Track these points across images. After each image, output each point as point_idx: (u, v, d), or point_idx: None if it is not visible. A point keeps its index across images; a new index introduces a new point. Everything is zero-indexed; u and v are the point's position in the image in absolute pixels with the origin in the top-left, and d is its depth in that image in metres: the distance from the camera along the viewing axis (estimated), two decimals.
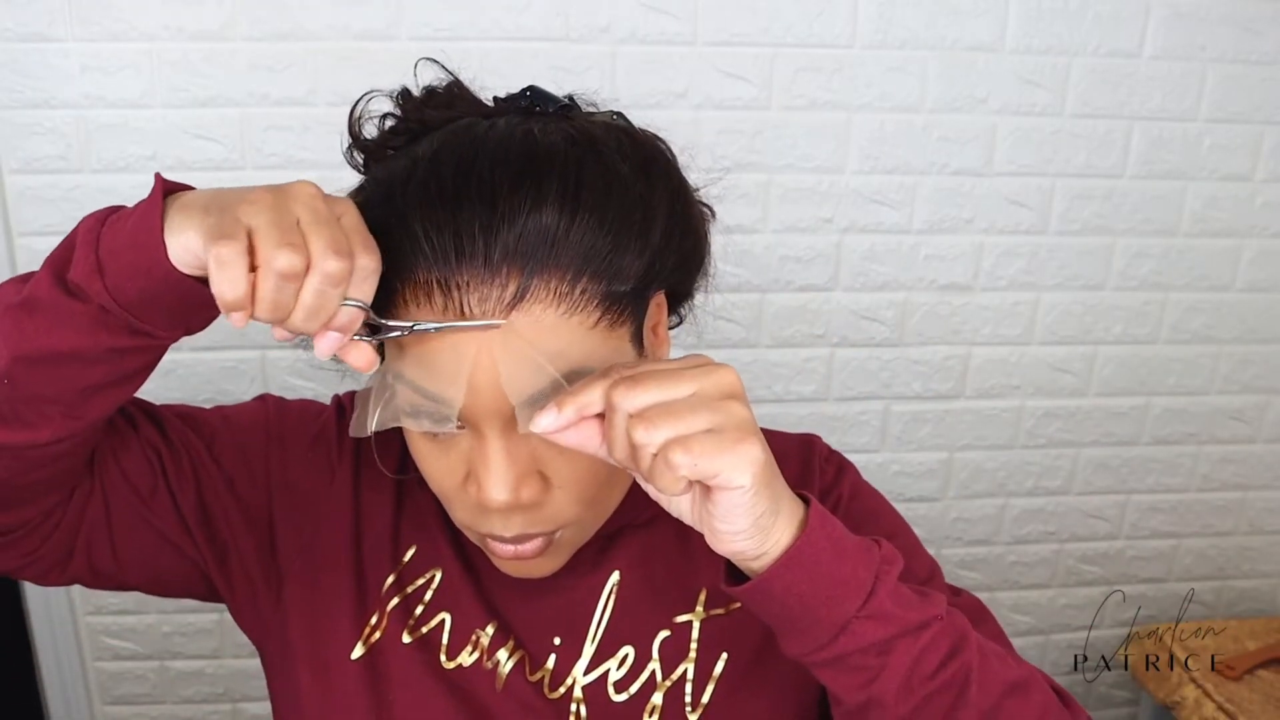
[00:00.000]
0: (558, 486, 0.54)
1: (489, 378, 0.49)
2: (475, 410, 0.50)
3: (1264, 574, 1.56)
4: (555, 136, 0.53)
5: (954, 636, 0.52)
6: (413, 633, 0.62)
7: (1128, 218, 1.34)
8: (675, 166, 0.59)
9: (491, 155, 0.51)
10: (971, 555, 1.47)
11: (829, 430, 1.38)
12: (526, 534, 0.54)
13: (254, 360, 1.26)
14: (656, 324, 0.57)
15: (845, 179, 1.27)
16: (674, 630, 0.62)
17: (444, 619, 0.62)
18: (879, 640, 0.49)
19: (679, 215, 0.56)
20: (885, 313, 1.34)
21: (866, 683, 0.50)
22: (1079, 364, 1.40)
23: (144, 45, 1.14)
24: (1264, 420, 1.47)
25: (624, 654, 0.61)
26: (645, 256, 0.53)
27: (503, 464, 0.51)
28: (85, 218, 0.50)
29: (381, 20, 1.15)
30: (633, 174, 0.54)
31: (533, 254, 0.49)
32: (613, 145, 0.55)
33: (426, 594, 0.63)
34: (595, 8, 1.17)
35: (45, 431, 0.51)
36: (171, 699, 1.41)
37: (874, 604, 0.49)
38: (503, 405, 0.50)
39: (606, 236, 0.51)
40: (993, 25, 1.24)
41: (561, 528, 0.56)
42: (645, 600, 0.62)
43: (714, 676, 0.60)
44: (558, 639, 0.62)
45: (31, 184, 1.17)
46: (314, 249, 0.44)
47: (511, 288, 0.48)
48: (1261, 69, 1.29)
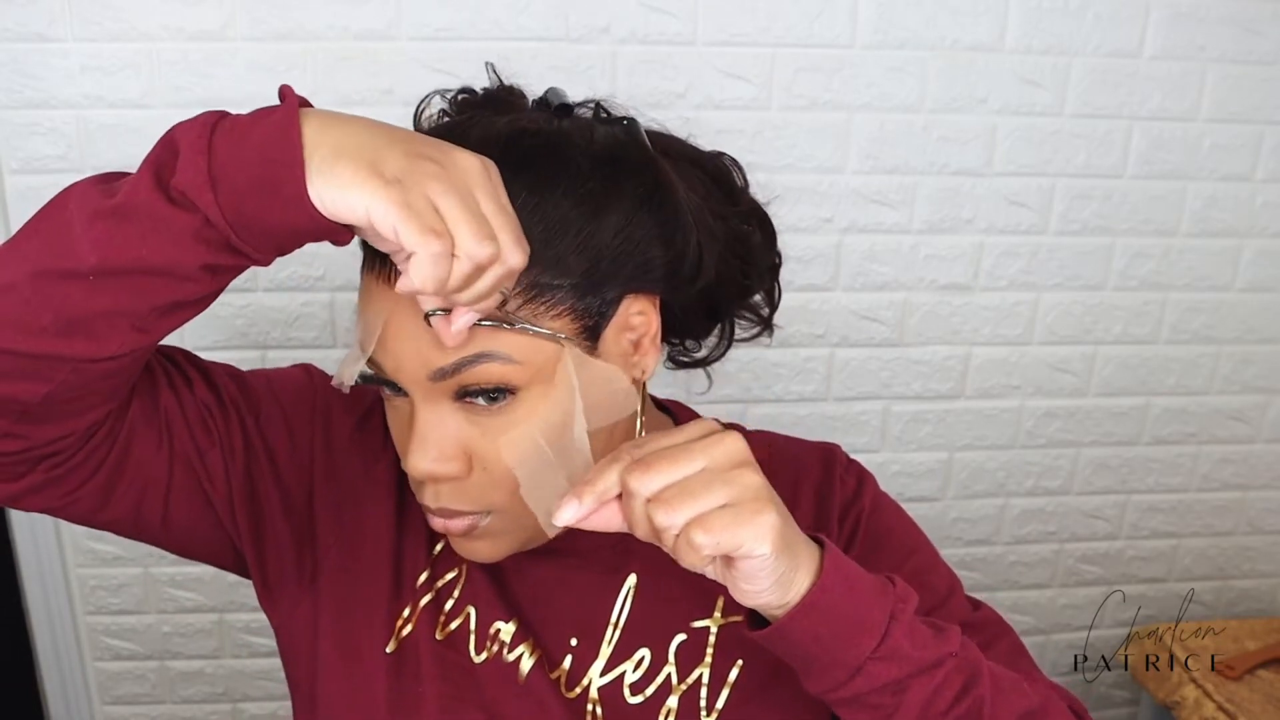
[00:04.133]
0: (481, 468, 0.54)
1: (404, 345, 0.52)
2: (396, 375, 0.53)
3: (1264, 574, 1.56)
4: (516, 129, 0.55)
5: (968, 672, 0.53)
6: (443, 629, 0.62)
7: (1128, 218, 1.34)
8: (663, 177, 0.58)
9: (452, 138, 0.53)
10: (971, 555, 1.47)
11: (829, 430, 1.38)
12: (449, 509, 0.55)
13: (254, 360, 1.26)
14: (640, 334, 0.57)
15: (845, 179, 1.27)
16: (690, 634, 0.62)
17: (470, 613, 0.63)
18: (893, 680, 0.51)
19: (648, 220, 0.55)
20: (885, 313, 1.34)
21: (883, 719, 0.52)
22: (1079, 364, 1.40)
23: (144, 45, 1.14)
24: (1264, 420, 1.47)
25: (640, 656, 0.61)
26: (588, 253, 0.53)
27: (422, 433, 0.53)
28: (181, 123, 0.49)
29: (381, 20, 1.15)
30: (591, 170, 0.54)
31: None
32: (581, 142, 0.55)
33: (455, 589, 0.64)
34: (595, 8, 1.17)
35: (112, 344, 0.48)
36: (171, 699, 1.41)
37: (888, 645, 0.50)
38: (418, 375, 0.52)
39: (537, 225, 0.51)
40: (993, 25, 1.24)
41: (487, 511, 0.56)
42: (663, 603, 0.62)
43: (729, 682, 0.61)
44: (574, 639, 0.62)
45: (31, 184, 1.17)
46: (503, 241, 0.46)
47: None
48: (1261, 69, 1.29)
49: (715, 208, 0.62)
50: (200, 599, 1.35)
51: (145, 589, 1.35)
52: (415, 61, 1.16)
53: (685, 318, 0.62)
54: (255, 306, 1.24)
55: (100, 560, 1.33)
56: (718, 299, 0.64)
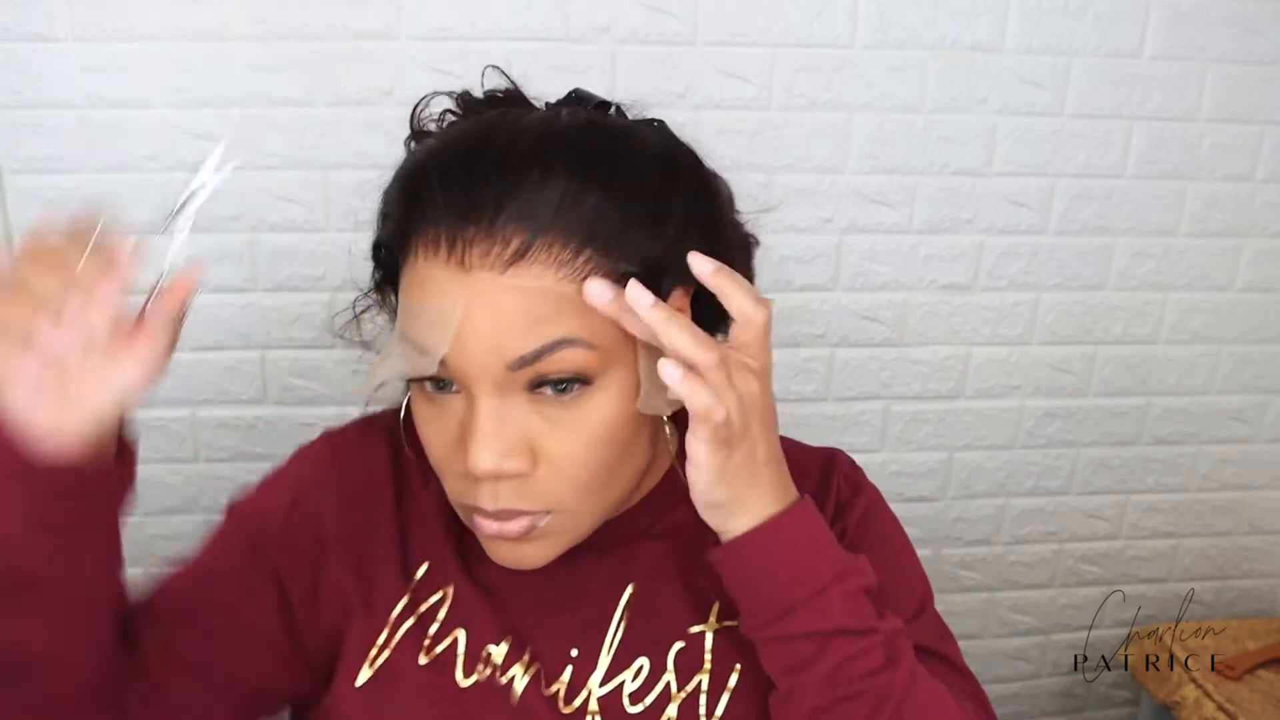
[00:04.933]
0: (547, 464, 0.54)
1: (480, 333, 0.51)
2: (466, 367, 0.51)
3: (1264, 574, 1.56)
4: (579, 121, 0.56)
5: (891, 652, 0.54)
6: (428, 653, 0.61)
7: (1128, 218, 1.34)
8: (707, 178, 0.60)
9: (512, 129, 0.54)
10: (971, 555, 1.47)
11: (829, 430, 1.38)
12: (511, 509, 0.54)
13: (254, 360, 1.26)
14: None
15: (845, 179, 1.27)
16: (688, 641, 0.62)
17: (458, 636, 0.62)
18: (819, 630, 0.53)
19: (700, 219, 0.57)
20: (885, 313, 1.34)
21: (796, 669, 0.54)
22: (1079, 364, 1.40)
23: (144, 45, 1.14)
24: (1264, 420, 1.47)
25: (639, 665, 0.61)
26: (657, 245, 0.53)
27: (490, 428, 0.52)
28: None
29: (381, 20, 1.15)
30: (653, 167, 0.55)
31: (537, 217, 0.50)
32: (638, 137, 0.57)
33: (441, 611, 0.63)
34: (595, 8, 1.17)
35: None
36: None
37: (825, 598, 0.53)
38: (492, 365, 0.51)
39: (614, 215, 0.52)
40: (993, 25, 1.24)
41: (549, 511, 0.55)
42: (660, 612, 0.62)
43: (729, 688, 0.61)
44: (574, 650, 0.62)
45: (31, 184, 1.17)
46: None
47: (514, 245, 0.50)
48: (1261, 69, 1.29)
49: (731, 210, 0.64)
50: None
51: (145, 589, 1.34)
52: (415, 61, 1.16)
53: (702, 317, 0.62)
54: (255, 306, 1.24)
55: None
56: None
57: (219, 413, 1.28)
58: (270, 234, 1.22)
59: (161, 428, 1.28)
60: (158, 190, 1.19)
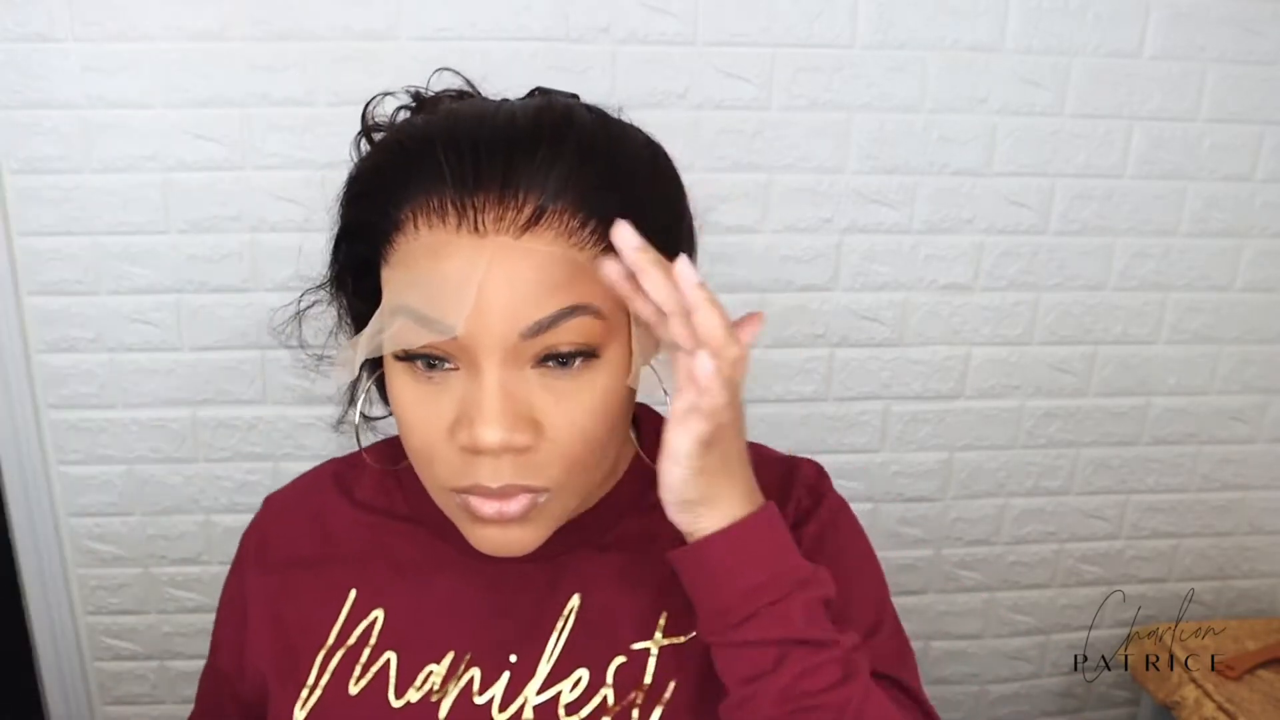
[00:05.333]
0: (549, 439, 0.53)
1: (496, 298, 0.50)
2: (479, 336, 0.50)
3: (1264, 574, 1.56)
4: (572, 104, 0.57)
5: (848, 668, 0.54)
6: (359, 681, 0.61)
7: (1128, 218, 1.34)
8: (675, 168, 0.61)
9: (508, 109, 0.54)
10: (971, 555, 1.47)
11: (829, 430, 1.38)
12: (514, 484, 0.53)
13: (254, 360, 1.26)
14: None
15: (845, 179, 1.27)
16: (630, 657, 0.61)
17: (390, 659, 0.61)
18: (777, 639, 0.52)
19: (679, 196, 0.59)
20: (885, 313, 1.34)
21: (753, 677, 0.53)
22: (1079, 364, 1.40)
23: (144, 45, 1.14)
24: (1264, 420, 1.47)
25: (578, 676, 0.60)
26: (654, 224, 0.53)
27: (499, 401, 0.51)
28: None
29: (381, 20, 1.15)
30: (643, 146, 0.57)
31: (548, 186, 0.51)
32: (625, 124, 0.58)
33: (371, 636, 0.62)
34: (595, 8, 1.17)
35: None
36: (171, 699, 1.41)
37: (785, 605, 0.52)
38: (507, 332, 0.50)
39: (616, 190, 0.52)
40: (993, 25, 1.24)
41: (547, 488, 0.54)
42: (604, 625, 0.61)
43: (663, 700, 0.60)
44: (513, 656, 0.61)
45: (31, 184, 1.17)
46: None
47: (528, 210, 0.50)
48: (1261, 69, 1.29)
49: None
50: (200, 599, 1.35)
51: (145, 589, 1.35)
52: (415, 61, 1.16)
53: None
54: (255, 306, 1.24)
55: (100, 560, 1.33)
56: None
57: (219, 413, 1.28)
58: (270, 234, 1.22)
59: (161, 428, 1.28)
60: (158, 190, 1.19)
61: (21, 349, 1.22)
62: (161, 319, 1.24)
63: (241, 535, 0.71)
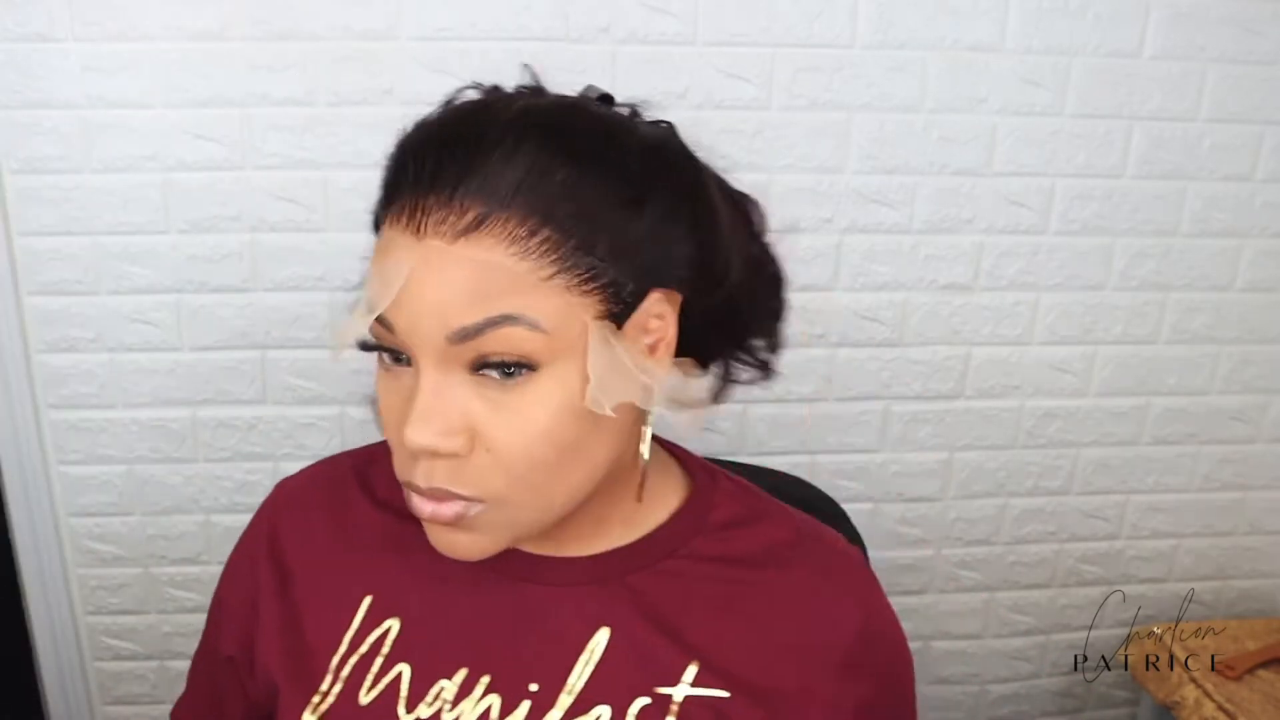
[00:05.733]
0: (485, 450, 0.52)
1: (424, 300, 0.50)
2: (409, 334, 0.51)
3: (1264, 574, 1.56)
4: (563, 103, 0.55)
5: None
6: (370, 690, 0.60)
7: (1128, 218, 1.34)
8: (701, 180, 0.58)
9: (492, 109, 0.54)
10: (971, 555, 1.47)
11: (829, 430, 1.38)
12: (443, 489, 0.53)
13: (254, 360, 1.26)
14: (656, 338, 0.56)
15: (845, 179, 1.27)
16: (655, 700, 0.59)
17: (401, 671, 0.60)
18: None
19: (685, 216, 0.55)
20: (885, 313, 1.34)
21: None
22: (1079, 364, 1.40)
23: (144, 45, 1.14)
24: (1264, 420, 1.47)
25: (598, 714, 0.59)
26: (625, 237, 0.52)
27: (428, 403, 0.51)
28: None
29: (381, 20, 1.15)
30: (635, 158, 0.54)
31: (497, 191, 0.50)
32: (625, 126, 0.55)
33: (384, 645, 0.61)
34: (595, 8, 1.17)
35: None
36: (171, 699, 1.40)
37: None
38: (434, 334, 0.50)
39: (580, 196, 0.51)
40: (993, 25, 1.24)
41: (482, 500, 0.53)
42: (631, 663, 0.60)
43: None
44: (534, 685, 0.59)
45: (31, 184, 1.17)
46: None
47: (469, 217, 0.50)
48: (1261, 69, 1.29)
49: (742, 228, 0.62)
50: (200, 599, 1.35)
51: (145, 589, 1.35)
52: (415, 61, 1.16)
53: (700, 331, 0.60)
54: (255, 306, 1.24)
55: (100, 560, 1.33)
56: (733, 317, 0.62)
57: (219, 413, 1.28)
58: (270, 234, 1.22)
59: (161, 428, 1.28)
60: (158, 190, 1.19)
61: (21, 349, 1.23)
62: (161, 319, 1.24)
63: (251, 518, 0.69)
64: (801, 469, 1.38)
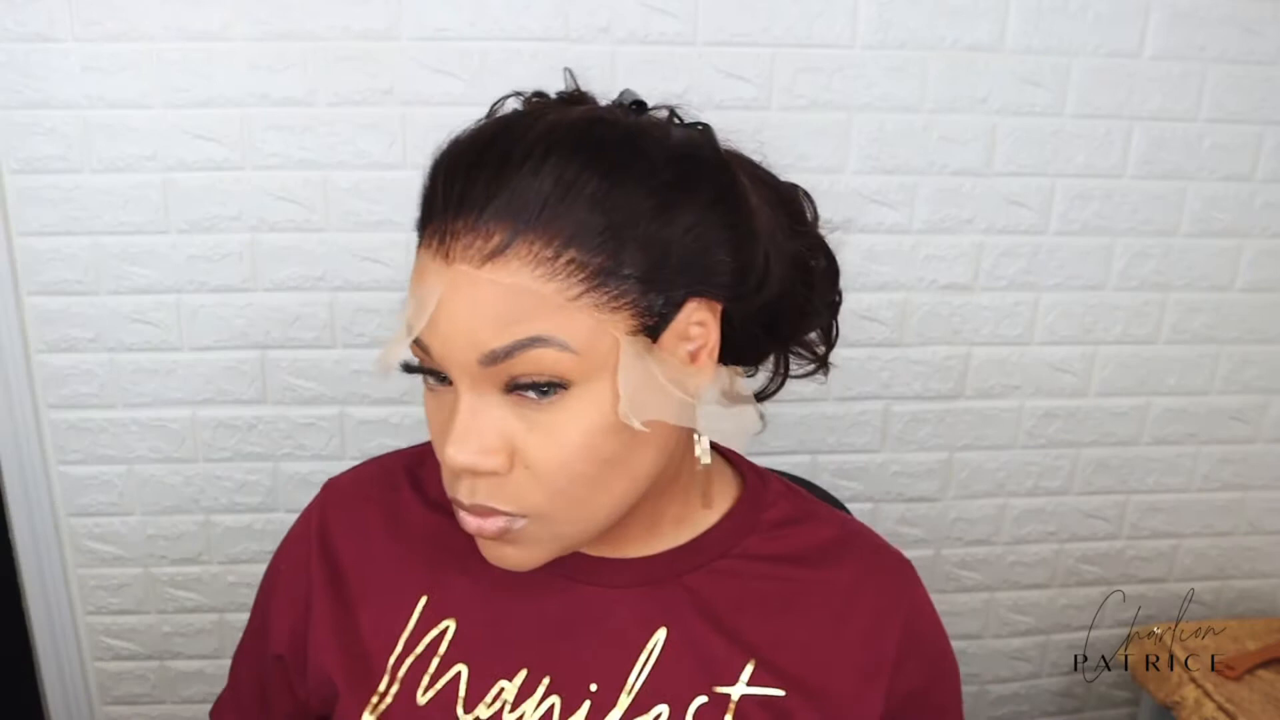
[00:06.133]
0: (524, 467, 0.53)
1: (456, 325, 0.51)
2: (445, 358, 0.52)
3: (1264, 574, 1.56)
4: (589, 116, 0.54)
5: None
6: (427, 690, 0.61)
7: (1128, 218, 1.34)
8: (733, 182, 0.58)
9: (520, 125, 0.53)
10: (971, 555, 1.47)
11: (829, 430, 1.38)
12: (485, 506, 0.54)
13: (254, 360, 1.26)
14: (698, 346, 0.56)
15: (845, 179, 1.27)
16: (712, 699, 0.60)
17: (460, 671, 0.61)
18: None
19: (719, 222, 0.55)
20: (885, 313, 1.34)
21: None
22: (1079, 364, 1.40)
23: (144, 45, 1.14)
24: (1264, 420, 1.47)
25: (658, 713, 0.59)
26: (656, 248, 0.52)
27: (466, 423, 0.52)
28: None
29: (381, 20, 1.15)
30: (665, 166, 0.53)
31: (522, 214, 0.50)
32: (654, 135, 0.55)
33: (441, 645, 0.62)
34: (595, 8, 1.17)
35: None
36: (171, 699, 1.41)
37: None
38: (467, 358, 0.51)
39: (605, 214, 0.50)
40: (993, 25, 1.24)
41: (525, 515, 0.54)
42: (689, 662, 0.61)
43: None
44: (594, 685, 0.60)
45: (31, 184, 1.17)
46: None
47: (495, 241, 0.50)
48: (1261, 69, 1.29)
49: (784, 226, 0.61)
50: (200, 599, 1.36)
51: (145, 589, 1.35)
52: (415, 61, 1.16)
53: (744, 335, 0.60)
54: (255, 306, 1.24)
55: (100, 560, 1.33)
56: (778, 319, 0.62)
57: (219, 413, 1.28)
58: (270, 234, 1.22)
59: (161, 428, 1.28)
60: (158, 190, 1.19)
61: (21, 349, 1.23)
62: (161, 319, 1.24)
63: (299, 517, 0.69)
64: (802, 469, 1.38)
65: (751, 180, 0.61)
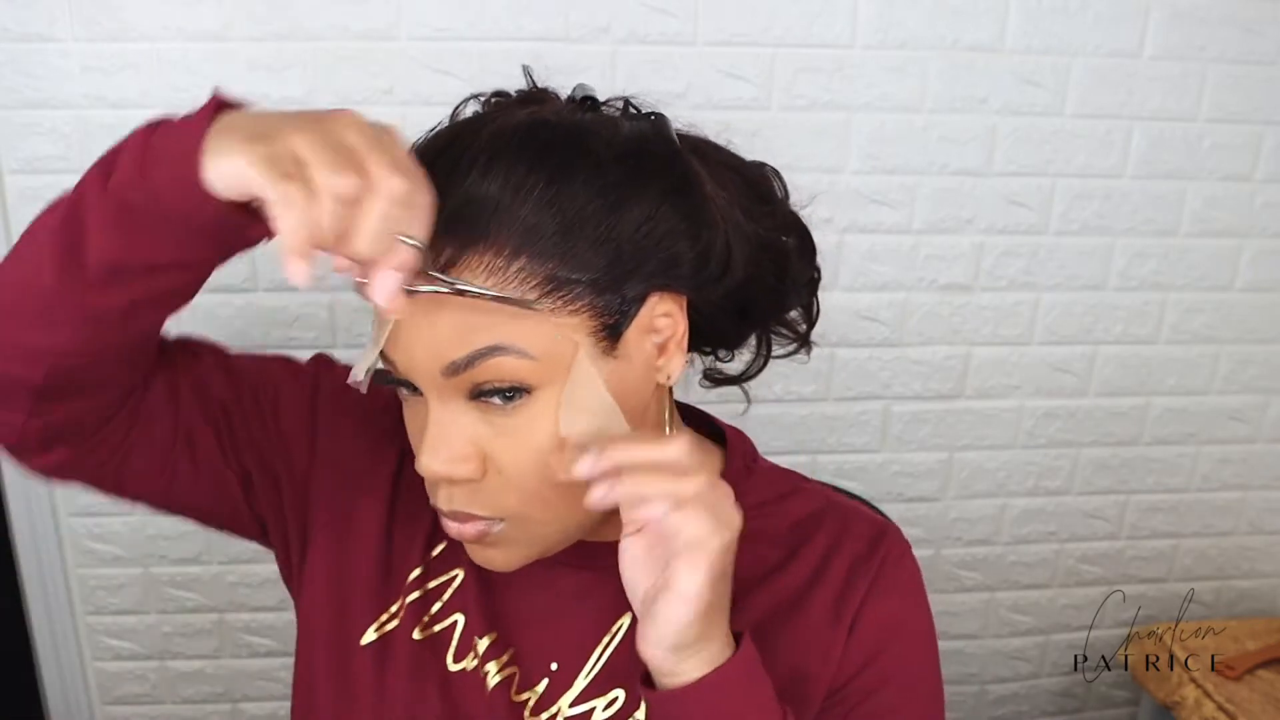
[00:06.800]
0: (496, 472, 0.53)
1: (416, 338, 0.51)
2: (409, 371, 0.53)
3: (1264, 574, 1.56)
4: (532, 120, 0.54)
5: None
6: (424, 630, 0.62)
7: (1128, 218, 1.34)
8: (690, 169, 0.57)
9: (468, 133, 0.53)
10: (971, 555, 1.47)
11: (829, 430, 1.38)
12: (463, 512, 0.55)
13: None
14: (666, 337, 0.56)
15: (845, 179, 1.27)
16: None
17: (457, 620, 0.62)
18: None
19: (673, 214, 0.54)
20: (885, 313, 1.34)
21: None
22: (1079, 364, 1.40)
23: (144, 45, 1.14)
24: (1264, 420, 1.47)
25: (614, 696, 0.60)
26: (608, 246, 0.52)
27: (436, 433, 0.52)
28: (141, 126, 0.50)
29: (381, 20, 1.15)
30: (613, 162, 0.53)
31: (469, 223, 0.50)
32: (604, 135, 0.54)
33: (446, 592, 0.63)
34: (595, 8, 1.17)
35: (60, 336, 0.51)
36: (171, 699, 1.41)
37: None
38: (430, 370, 0.51)
39: (554, 217, 0.50)
40: (993, 25, 1.24)
41: (502, 518, 0.55)
42: None
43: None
44: (554, 664, 0.61)
45: (31, 184, 1.17)
46: (373, 170, 0.43)
47: (445, 254, 0.50)
48: (1261, 69, 1.29)
49: (747, 208, 0.61)
50: (200, 599, 1.35)
51: (145, 589, 1.35)
52: (415, 61, 1.16)
53: (714, 321, 0.60)
54: (255, 306, 1.24)
55: (100, 560, 1.33)
56: (749, 303, 0.62)
57: None
58: None
59: None
60: None
61: None
62: None
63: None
64: (801, 469, 1.37)
65: (711, 166, 0.61)
